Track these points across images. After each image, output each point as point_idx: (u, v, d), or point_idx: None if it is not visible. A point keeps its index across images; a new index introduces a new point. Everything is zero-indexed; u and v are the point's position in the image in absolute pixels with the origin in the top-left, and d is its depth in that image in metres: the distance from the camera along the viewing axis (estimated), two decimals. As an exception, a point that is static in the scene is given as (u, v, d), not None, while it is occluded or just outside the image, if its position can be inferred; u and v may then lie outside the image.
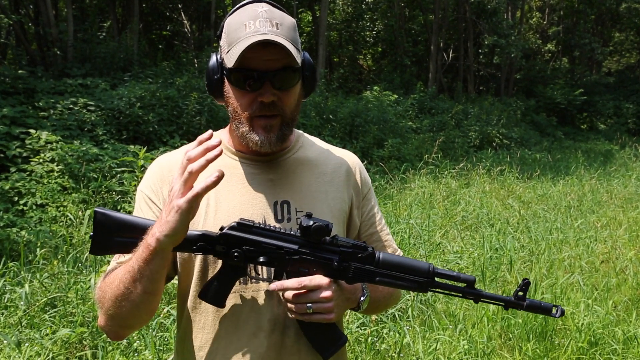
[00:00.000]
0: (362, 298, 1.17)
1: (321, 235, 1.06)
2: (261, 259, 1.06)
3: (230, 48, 1.09)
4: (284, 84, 1.12)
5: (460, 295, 1.11)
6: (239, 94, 1.14)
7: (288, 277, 1.08)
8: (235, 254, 1.06)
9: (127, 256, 1.14)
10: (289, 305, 1.07)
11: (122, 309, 1.06)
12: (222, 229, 1.07)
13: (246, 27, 1.08)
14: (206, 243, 1.07)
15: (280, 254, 1.07)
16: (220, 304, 1.10)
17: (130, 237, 1.05)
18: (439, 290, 1.11)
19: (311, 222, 1.05)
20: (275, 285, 1.06)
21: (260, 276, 1.14)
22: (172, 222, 0.96)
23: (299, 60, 1.12)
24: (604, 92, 23.19)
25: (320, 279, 1.06)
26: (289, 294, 1.06)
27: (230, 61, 1.10)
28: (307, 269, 1.07)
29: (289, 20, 1.15)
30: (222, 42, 1.15)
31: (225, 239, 1.07)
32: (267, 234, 1.07)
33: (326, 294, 1.05)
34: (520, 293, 1.11)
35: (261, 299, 1.16)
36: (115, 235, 1.05)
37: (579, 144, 17.03)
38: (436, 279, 1.10)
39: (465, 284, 1.11)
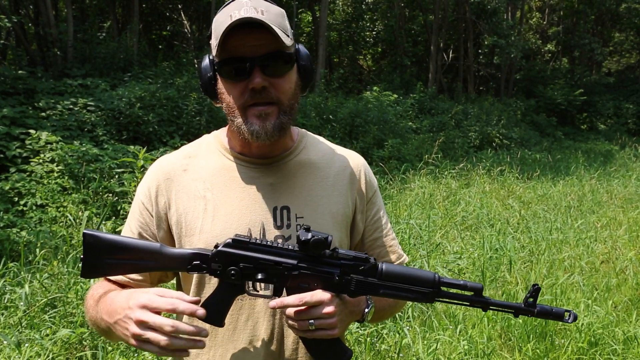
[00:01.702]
0: (366, 310, 1.13)
1: (320, 249, 1.01)
2: (259, 276, 1.02)
3: (218, 40, 1.07)
4: (275, 70, 1.08)
5: (468, 304, 1.07)
6: (230, 85, 1.10)
7: (288, 293, 1.04)
8: (232, 271, 1.02)
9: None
10: (290, 322, 1.04)
11: (100, 332, 1.13)
12: (216, 246, 1.04)
13: (231, 18, 1.05)
14: (201, 262, 1.04)
15: (279, 270, 1.03)
16: (219, 323, 1.07)
17: (121, 259, 1.04)
18: (446, 300, 1.07)
19: (310, 236, 1.00)
20: (275, 302, 1.02)
21: (259, 292, 1.11)
22: (118, 328, 1.00)
23: (288, 43, 1.08)
24: (603, 92, 23.19)
25: (321, 295, 1.01)
26: (290, 311, 1.02)
27: (215, 52, 1.08)
28: (307, 284, 1.03)
29: (276, 8, 1.11)
30: (212, 41, 1.12)
31: (221, 257, 1.03)
32: (265, 250, 1.03)
33: (328, 309, 1.01)
34: (531, 299, 1.07)
35: (259, 308, 1.14)
36: (106, 257, 1.03)
37: (579, 144, 17.04)
38: (442, 288, 1.07)
39: (473, 293, 1.07)
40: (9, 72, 7.59)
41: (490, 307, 1.08)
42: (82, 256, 1.04)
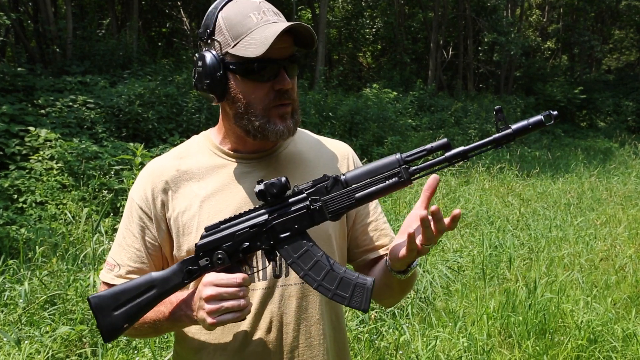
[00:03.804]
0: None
1: (280, 192, 1.04)
2: (245, 245, 1.06)
3: (241, 39, 1.06)
4: (293, 72, 1.14)
5: (447, 163, 1.02)
6: (252, 86, 1.10)
7: (281, 251, 1.06)
8: (219, 255, 1.06)
9: (119, 260, 1.20)
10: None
11: (140, 332, 1.20)
12: (196, 245, 1.09)
13: (253, 18, 1.07)
14: (190, 266, 1.08)
15: (257, 232, 1.06)
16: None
17: (129, 302, 1.08)
18: (424, 172, 1.03)
19: (262, 186, 1.03)
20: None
21: (258, 268, 1.14)
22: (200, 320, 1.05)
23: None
24: (603, 89, 23.15)
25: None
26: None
27: (251, 51, 1.05)
28: (289, 230, 1.05)
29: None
30: (221, 38, 1.09)
31: (203, 249, 1.07)
32: (235, 223, 1.07)
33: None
34: (501, 124, 0.99)
35: (257, 299, 1.15)
36: (117, 309, 1.08)
37: (579, 142, 17.02)
38: (412, 164, 1.04)
39: (443, 150, 1.02)
40: (8, 69, 7.57)
41: (469, 155, 1.02)
42: (97, 323, 1.09)
